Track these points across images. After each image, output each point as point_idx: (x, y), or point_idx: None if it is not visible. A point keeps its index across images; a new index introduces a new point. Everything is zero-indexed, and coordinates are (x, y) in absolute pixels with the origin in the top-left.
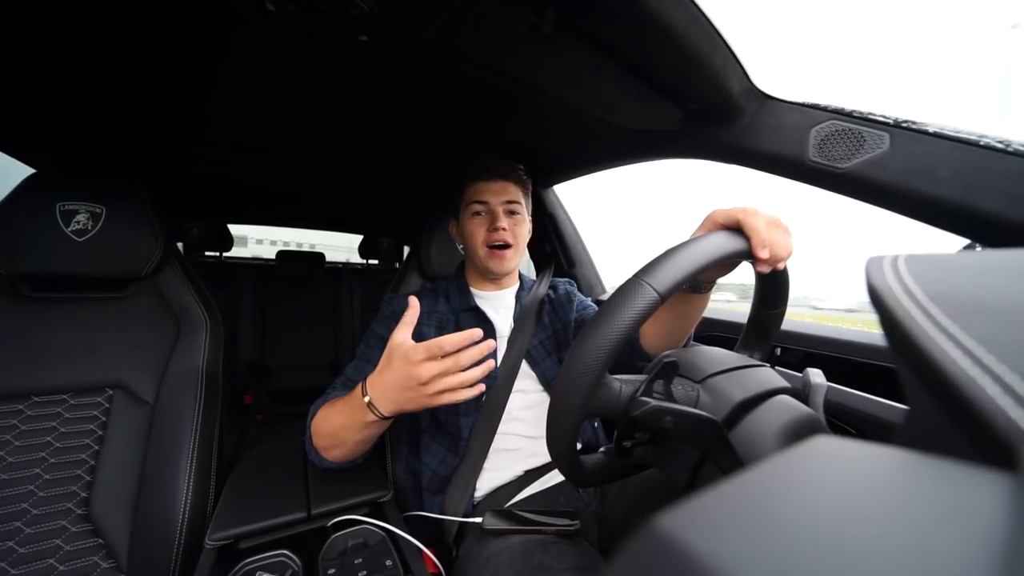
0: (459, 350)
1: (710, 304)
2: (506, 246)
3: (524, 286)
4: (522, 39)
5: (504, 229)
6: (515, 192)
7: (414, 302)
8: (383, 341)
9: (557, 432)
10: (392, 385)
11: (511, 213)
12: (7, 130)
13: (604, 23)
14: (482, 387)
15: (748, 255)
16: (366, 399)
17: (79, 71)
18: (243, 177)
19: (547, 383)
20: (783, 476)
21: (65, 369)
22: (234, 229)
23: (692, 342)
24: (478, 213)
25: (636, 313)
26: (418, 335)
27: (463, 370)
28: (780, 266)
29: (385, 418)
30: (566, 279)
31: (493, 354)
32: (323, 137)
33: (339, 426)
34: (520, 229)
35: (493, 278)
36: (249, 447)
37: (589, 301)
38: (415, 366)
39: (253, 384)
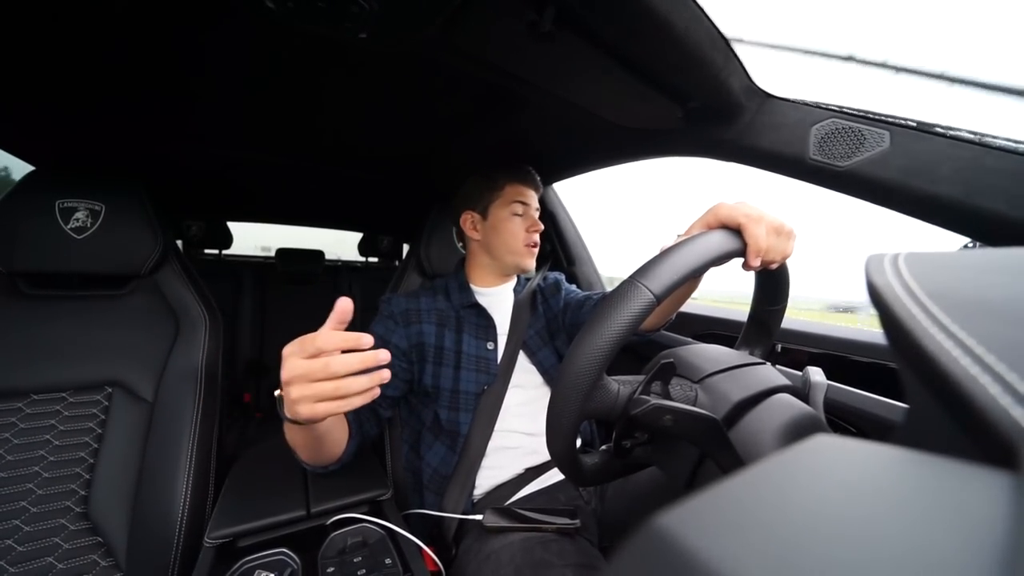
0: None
1: (710, 303)
2: (537, 245)
3: (520, 282)
4: (522, 37)
5: (540, 231)
6: (538, 201)
7: (346, 304)
8: (381, 341)
9: (556, 433)
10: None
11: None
12: (6, 127)
13: (604, 21)
14: (356, 401)
15: (742, 255)
16: (276, 393)
17: (77, 68)
18: (243, 175)
19: (546, 372)
20: (783, 474)
21: (64, 367)
22: (259, 237)
23: (691, 340)
24: (519, 213)
25: (632, 316)
26: (418, 332)
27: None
28: (773, 266)
29: (289, 420)
30: (556, 272)
31: (492, 349)
32: (322, 135)
33: (285, 427)
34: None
35: (511, 273)
36: (248, 445)
37: (575, 288)
38: (284, 359)
39: (252, 382)
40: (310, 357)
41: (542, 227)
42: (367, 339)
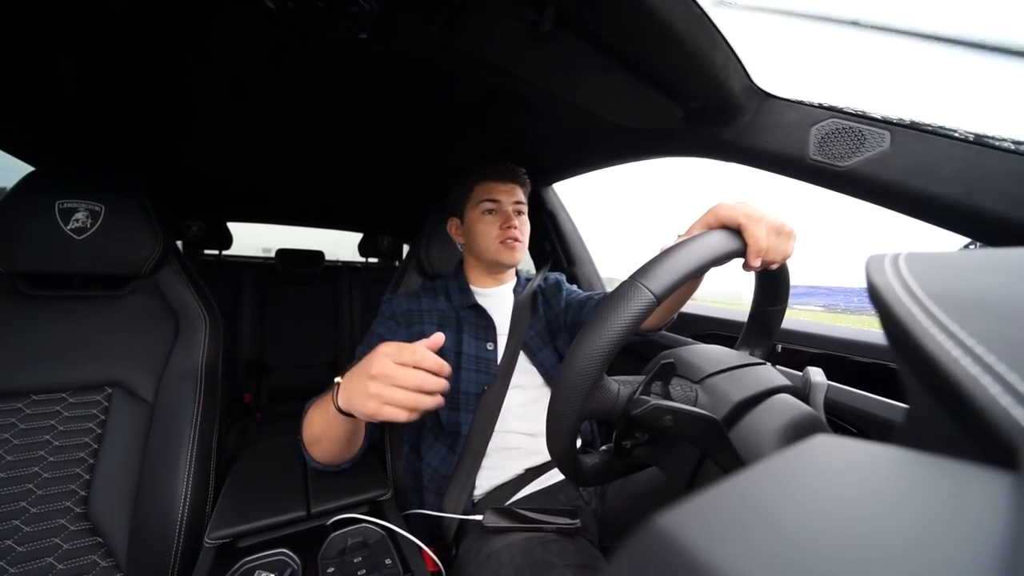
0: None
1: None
2: (516, 239)
3: (520, 282)
4: (522, 37)
5: (516, 227)
6: (520, 194)
7: (440, 338)
8: (383, 341)
9: (556, 433)
10: (354, 371)
11: (518, 213)
12: (6, 128)
13: (604, 21)
14: (413, 417)
15: (742, 255)
16: (336, 380)
17: (78, 69)
18: (242, 175)
19: (546, 373)
20: (783, 475)
21: (64, 367)
22: (260, 239)
23: (691, 340)
24: (490, 211)
25: (632, 316)
26: (420, 334)
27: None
28: (773, 266)
29: (341, 410)
30: (557, 272)
31: (492, 350)
32: (322, 135)
33: (316, 419)
34: (525, 228)
35: (500, 271)
36: (248, 445)
37: (576, 288)
38: (376, 355)
39: (252, 382)
40: (401, 364)
41: (516, 222)
42: (448, 369)
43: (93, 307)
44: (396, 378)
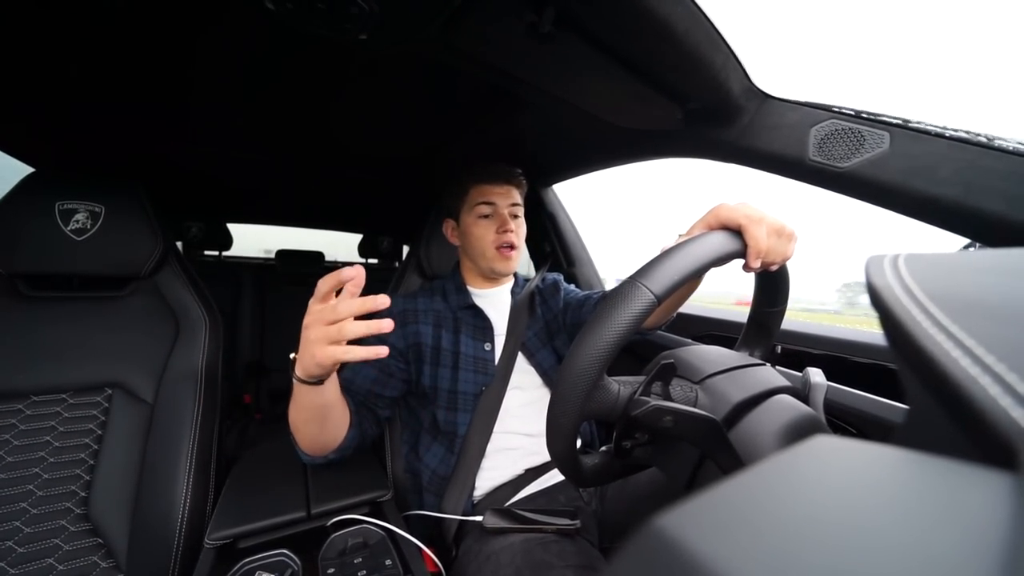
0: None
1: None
2: (512, 247)
3: (518, 283)
4: (522, 38)
5: (512, 231)
6: (517, 195)
7: (352, 272)
8: (379, 340)
9: (556, 434)
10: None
11: (514, 216)
12: (6, 128)
13: (604, 22)
14: (380, 351)
15: (742, 256)
16: (292, 356)
17: (77, 69)
18: (242, 176)
19: (544, 373)
20: (783, 475)
21: (64, 368)
22: (261, 240)
23: (691, 341)
24: (486, 215)
25: (633, 316)
26: (415, 333)
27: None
28: (773, 267)
29: (300, 379)
30: (554, 272)
31: (490, 350)
32: (322, 136)
33: (292, 404)
34: (521, 231)
35: (496, 277)
36: (248, 446)
37: (574, 288)
38: (307, 313)
39: (252, 383)
40: (322, 303)
41: (512, 226)
42: (348, 274)
43: (93, 308)
44: (322, 317)
